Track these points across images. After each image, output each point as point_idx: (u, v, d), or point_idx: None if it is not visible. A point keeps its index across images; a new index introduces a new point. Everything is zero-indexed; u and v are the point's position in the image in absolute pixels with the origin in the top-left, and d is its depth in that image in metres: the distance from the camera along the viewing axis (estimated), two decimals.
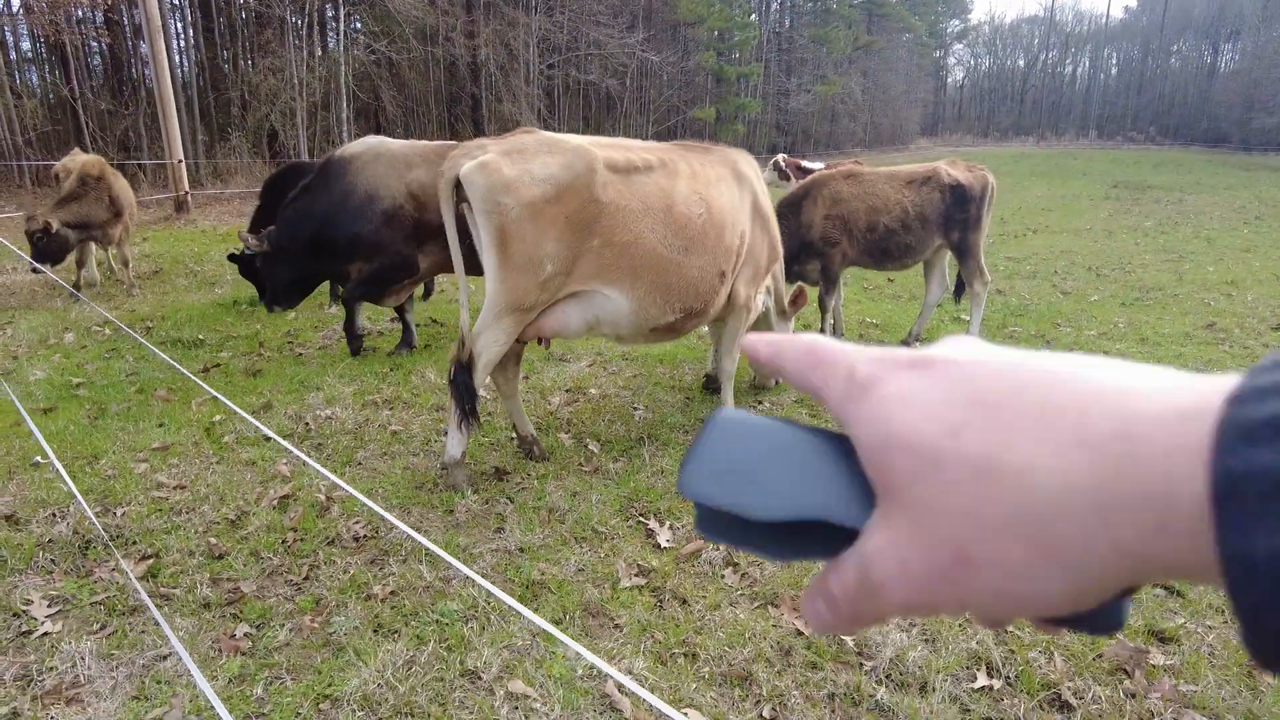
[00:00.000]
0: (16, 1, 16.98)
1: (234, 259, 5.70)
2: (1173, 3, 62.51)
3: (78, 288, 7.31)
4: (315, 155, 17.65)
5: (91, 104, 17.69)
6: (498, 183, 3.02)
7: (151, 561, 2.83)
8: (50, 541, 2.92)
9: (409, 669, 2.29)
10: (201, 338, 5.98)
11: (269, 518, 3.14)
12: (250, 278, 6.34)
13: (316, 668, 2.30)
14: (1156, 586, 2.72)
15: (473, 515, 3.19)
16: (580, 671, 2.27)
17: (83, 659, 2.31)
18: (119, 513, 3.17)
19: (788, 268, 5.18)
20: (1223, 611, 2.58)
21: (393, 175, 5.06)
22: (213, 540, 2.97)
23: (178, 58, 19.64)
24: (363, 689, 2.19)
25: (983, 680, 2.25)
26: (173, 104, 12.97)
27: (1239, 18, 56.17)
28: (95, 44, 18.57)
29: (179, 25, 20.25)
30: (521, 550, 2.94)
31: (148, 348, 4.34)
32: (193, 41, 20.37)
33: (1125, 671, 2.29)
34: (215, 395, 2.94)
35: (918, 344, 5.38)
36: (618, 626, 2.50)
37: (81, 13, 17.10)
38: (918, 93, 53.86)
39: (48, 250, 6.60)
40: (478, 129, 23.47)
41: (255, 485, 3.44)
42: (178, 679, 2.26)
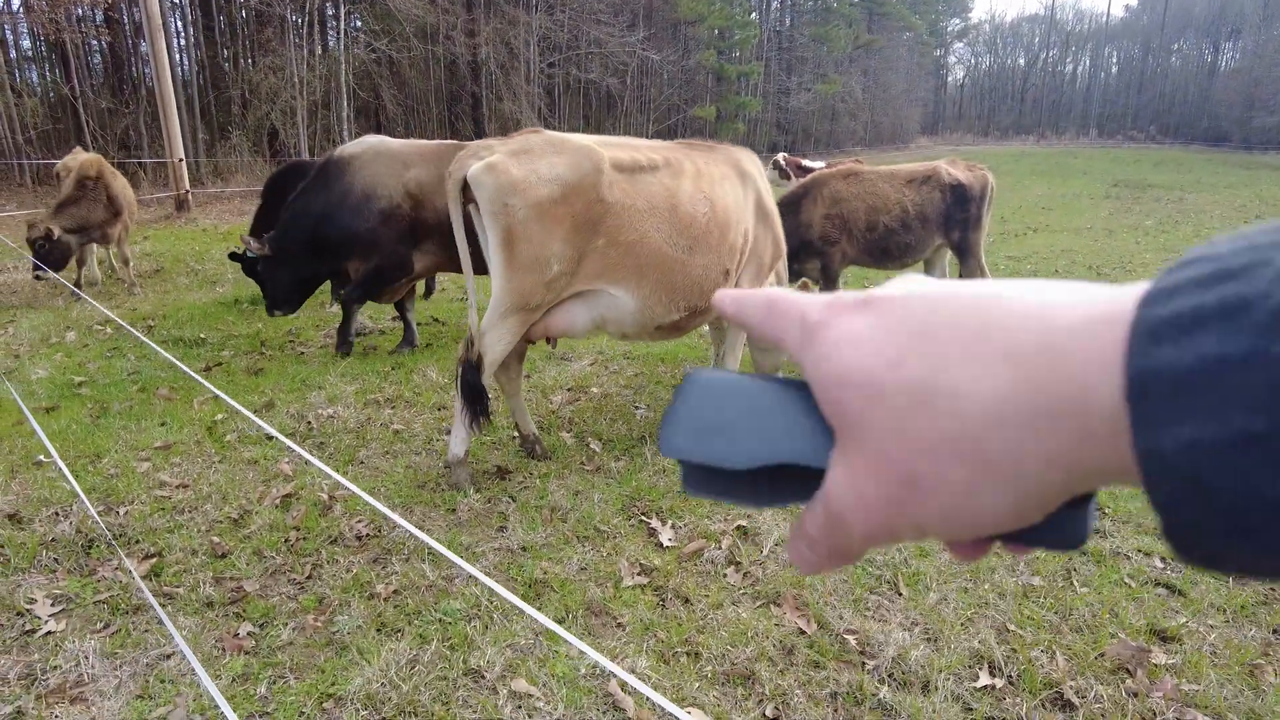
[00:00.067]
0: (17, 0, 16.98)
1: (235, 257, 5.71)
2: (1173, 1, 62.45)
3: (79, 286, 7.32)
4: (316, 154, 17.65)
5: (92, 102, 17.68)
6: (505, 184, 3.03)
7: (154, 560, 2.83)
8: (53, 540, 2.93)
9: (412, 668, 2.29)
10: (203, 336, 5.99)
11: (271, 517, 3.14)
12: (253, 275, 6.35)
13: (320, 667, 2.31)
14: (1158, 586, 2.72)
15: (475, 514, 3.20)
16: (583, 671, 2.28)
17: (86, 658, 2.31)
18: (122, 512, 3.18)
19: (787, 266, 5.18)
20: (1224, 610, 2.58)
21: (390, 174, 5.07)
22: (215, 539, 2.98)
23: (178, 56, 19.65)
24: (366, 688, 2.20)
25: (985, 679, 2.25)
26: (173, 102, 12.96)
27: (1240, 16, 56.15)
28: (95, 42, 18.57)
29: (179, 23, 20.26)
30: (524, 549, 2.94)
31: (149, 346, 4.34)
32: (193, 40, 20.37)
33: (1127, 670, 2.29)
34: (217, 394, 2.95)
35: None
36: (620, 626, 2.51)
37: (82, 11, 17.09)
38: (918, 91, 53.87)
39: (50, 257, 6.61)
40: (478, 127, 23.47)
41: (258, 484, 3.44)
42: (181, 678, 2.26)
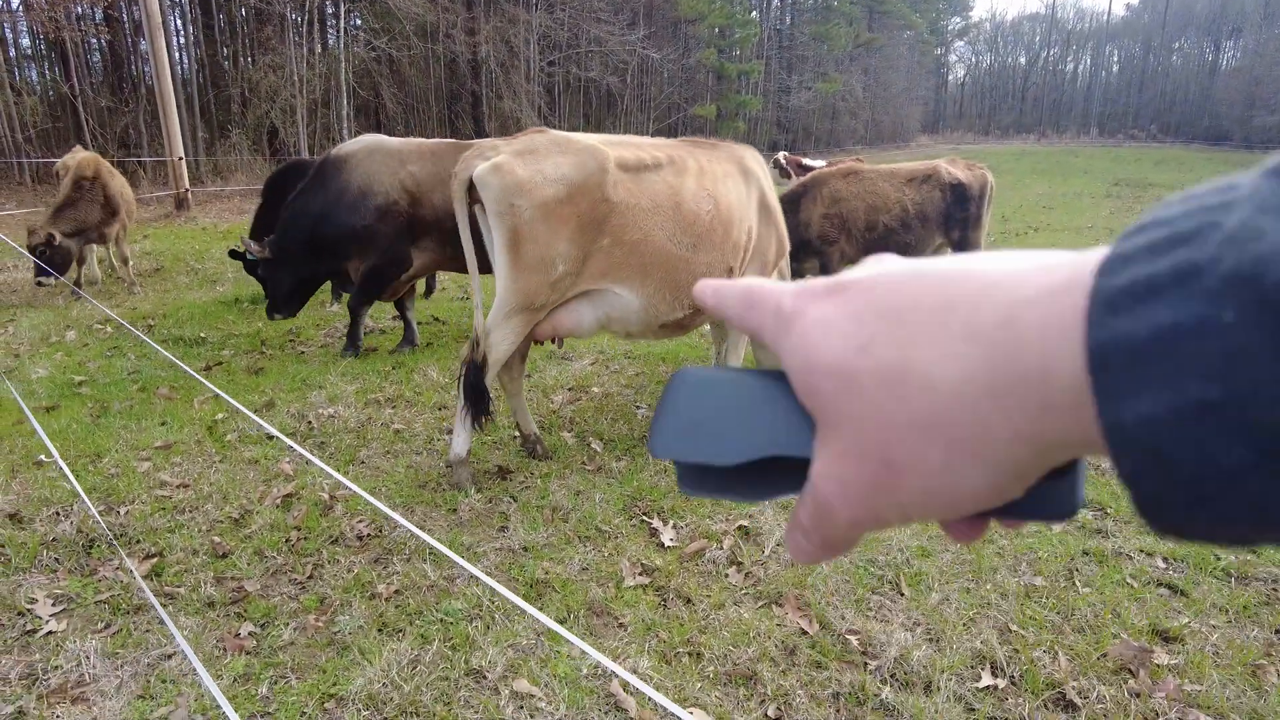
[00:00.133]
0: None
1: (236, 255, 5.71)
2: (1174, 0, 62.39)
3: (79, 285, 7.31)
4: (315, 152, 17.62)
5: (91, 101, 17.67)
6: (511, 184, 3.03)
7: (155, 560, 2.83)
8: (54, 540, 2.92)
9: (414, 668, 2.29)
10: (203, 336, 5.98)
11: (272, 516, 3.14)
12: (254, 273, 6.36)
13: (321, 667, 2.30)
14: (1160, 586, 2.72)
15: (476, 514, 3.19)
16: (585, 671, 2.27)
17: (88, 658, 2.31)
18: (122, 511, 3.17)
19: None
20: (1227, 611, 2.58)
21: (386, 171, 5.08)
22: (216, 539, 2.97)
23: (178, 54, 19.63)
24: (368, 688, 2.19)
25: (987, 679, 2.25)
26: (173, 101, 12.95)
27: (1241, 15, 56.11)
28: (95, 41, 18.56)
29: (179, 22, 20.24)
30: (525, 549, 2.94)
31: (150, 345, 4.35)
32: (193, 38, 20.36)
33: (1129, 671, 2.29)
34: (218, 393, 2.95)
35: None
36: (622, 626, 2.50)
37: (81, 9, 17.07)
38: (919, 90, 53.85)
39: (52, 262, 6.60)
40: (478, 126, 23.46)
41: (258, 484, 3.44)
42: (183, 678, 2.26)
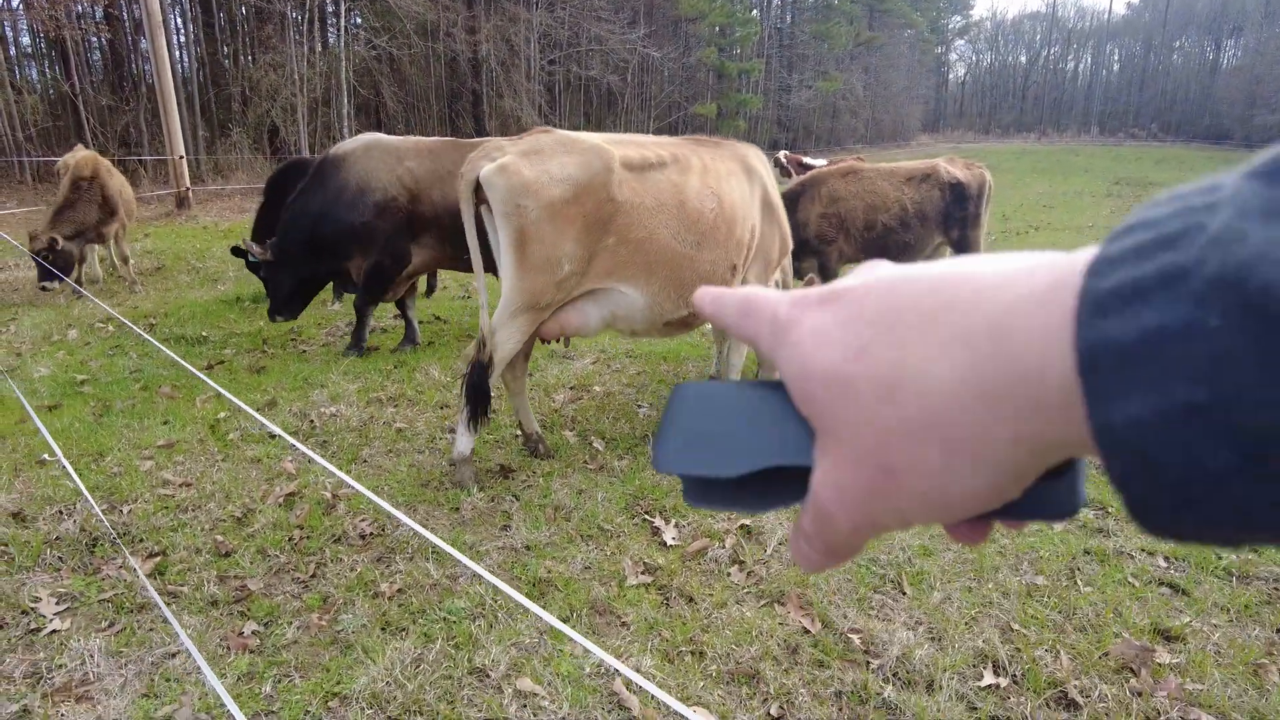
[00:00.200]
0: None
1: (238, 252, 5.70)
2: None
3: (80, 284, 7.31)
4: (316, 151, 17.62)
5: (92, 99, 17.66)
6: (517, 185, 3.03)
7: (159, 559, 2.84)
8: (58, 539, 2.93)
9: (417, 667, 2.29)
10: (205, 334, 5.98)
11: (275, 515, 3.14)
12: (255, 271, 6.35)
13: (325, 665, 2.31)
14: (1162, 586, 2.72)
15: (479, 513, 3.20)
16: (588, 669, 2.28)
17: (92, 656, 2.32)
18: (125, 510, 3.18)
19: None
20: (1228, 610, 2.58)
21: (384, 168, 5.10)
22: (219, 538, 2.98)
23: (178, 53, 19.61)
24: (371, 687, 2.20)
25: (989, 678, 2.25)
26: (173, 100, 12.95)
27: (1242, 14, 56.05)
28: (95, 39, 18.54)
29: (179, 20, 20.21)
30: (528, 548, 2.94)
31: (152, 344, 4.34)
32: (193, 36, 20.34)
33: (1131, 670, 2.29)
34: (220, 392, 2.95)
35: None
36: (624, 624, 2.51)
37: (81, 8, 17.05)
38: (919, 89, 53.82)
39: (55, 266, 6.60)
40: (479, 125, 23.44)
41: (261, 483, 3.44)
42: (186, 676, 2.26)
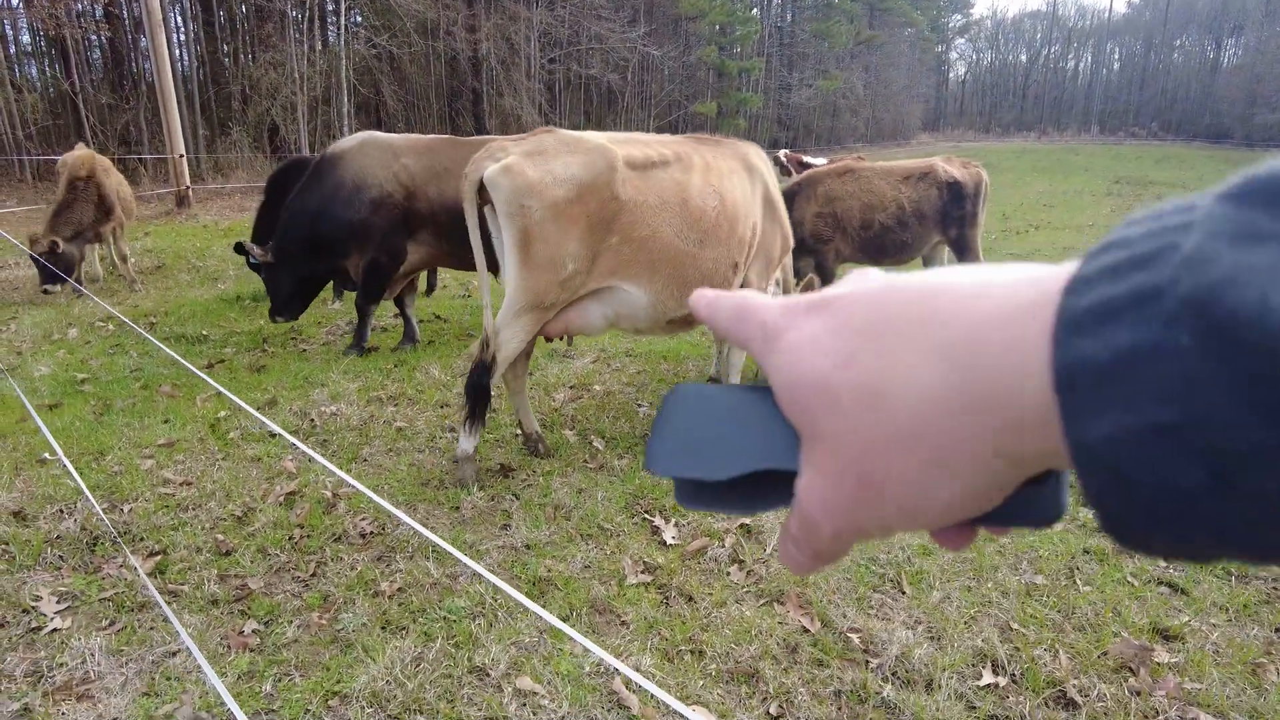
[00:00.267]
0: None
1: (240, 249, 5.70)
2: None
3: (80, 283, 7.31)
4: (316, 150, 17.62)
5: (92, 98, 17.66)
6: (521, 185, 3.04)
7: (159, 558, 2.84)
8: (58, 538, 2.93)
9: (417, 665, 2.30)
10: (205, 333, 5.99)
11: (275, 514, 3.15)
12: (256, 270, 6.35)
13: (325, 664, 2.31)
14: (1161, 585, 2.73)
15: (479, 512, 3.20)
16: (588, 668, 2.28)
17: (92, 655, 2.32)
18: (126, 509, 3.18)
19: None
20: (1227, 609, 2.59)
21: (380, 164, 5.12)
22: (219, 537, 2.98)
23: (178, 52, 19.61)
24: (371, 685, 2.20)
25: (988, 678, 2.26)
26: (173, 98, 12.94)
27: (1242, 12, 56.00)
28: (95, 38, 18.53)
29: (179, 19, 20.19)
30: (528, 547, 2.95)
31: (152, 343, 4.35)
32: (193, 35, 20.32)
33: (1130, 669, 2.30)
34: (220, 391, 2.95)
35: None
36: (624, 623, 2.51)
37: (81, 6, 17.06)
38: (919, 88, 53.79)
39: (56, 268, 6.60)
40: (479, 123, 23.44)
41: (261, 482, 3.45)
42: (187, 675, 2.27)
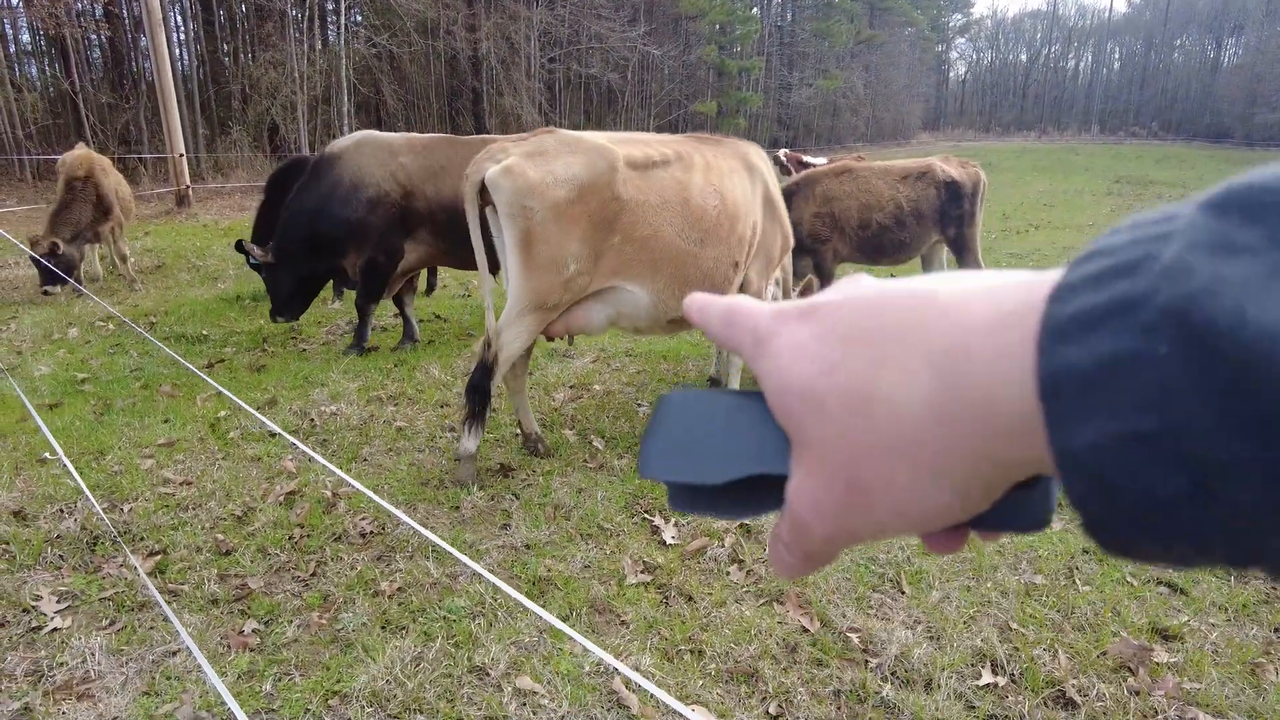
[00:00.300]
0: None
1: (241, 248, 5.70)
2: None
3: (80, 282, 7.31)
4: (316, 149, 17.59)
5: (92, 97, 17.65)
6: (523, 186, 3.04)
7: (159, 558, 2.84)
8: (59, 537, 2.94)
9: (417, 665, 2.30)
10: (205, 333, 5.99)
11: (275, 514, 3.15)
12: (256, 269, 6.36)
13: (325, 664, 2.32)
14: (1160, 585, 2.73)
15: (479, 512, 3.21)
16: (587, 668, 2.29)
17: (93, 654, 2.32)
18: (126, 509, 3.18)
19: None
20: (1226, 609, 2.59)
21: (377, 163, 5.12)
22: (219, 536, 2.98)
23: (178, 51, 19.60)
24: (371, 685, 2.21)
25: (988, 677, 2.26)
26: (173, 98, 12.93)
27: (1243, 12, 55.98)
28: (95, 37, 18.53)
29: (179, 18, 20.19)
30: (528, 547, 2.95)
31: (152, 343, 4.35)
32: (193, 34, 20.31)
33: (1129, 669, 2.30)
34: (220, 390, 2.95)
35: None
36: (624, 623, 2.52)
37: (81, 5, 17.05)
38: (919, 87, 53.78)
39: (57, 268, 6.59)
40: (479, 123, 23.43)
41: (261, 481, 3.45)
42: (187, 674, 2.27)
